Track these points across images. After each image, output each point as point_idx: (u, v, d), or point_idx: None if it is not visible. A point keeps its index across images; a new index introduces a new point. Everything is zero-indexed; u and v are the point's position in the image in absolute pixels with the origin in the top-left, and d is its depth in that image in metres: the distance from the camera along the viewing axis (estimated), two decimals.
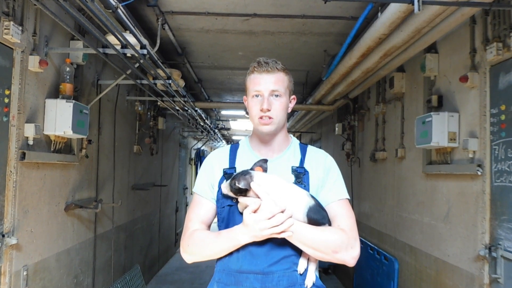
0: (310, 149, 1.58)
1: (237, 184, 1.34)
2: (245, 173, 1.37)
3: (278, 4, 3.42)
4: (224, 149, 1.61)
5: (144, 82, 3.88)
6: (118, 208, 4.38)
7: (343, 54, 3.81)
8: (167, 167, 7.27)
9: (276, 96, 1.46)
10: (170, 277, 6.62)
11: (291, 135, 1.63)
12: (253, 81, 1.48)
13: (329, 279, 6.43)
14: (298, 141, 1.62)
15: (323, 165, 1.52)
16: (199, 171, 1.59)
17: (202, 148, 11.32)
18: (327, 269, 6.66)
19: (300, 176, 1.47)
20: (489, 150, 2.57)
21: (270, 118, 1.45)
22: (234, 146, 1.60)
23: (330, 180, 1.50)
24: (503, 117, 2.45)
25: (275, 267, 1.38)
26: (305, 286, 1.40)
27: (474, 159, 2.72)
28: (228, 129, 11.14)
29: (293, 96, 1.56)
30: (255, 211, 1.31)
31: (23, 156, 2.51)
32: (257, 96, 1.47)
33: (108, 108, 4.09)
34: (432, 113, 2.98)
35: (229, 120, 10.41)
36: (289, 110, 1.56)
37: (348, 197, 1.50)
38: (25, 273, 2.61)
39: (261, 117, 1.46)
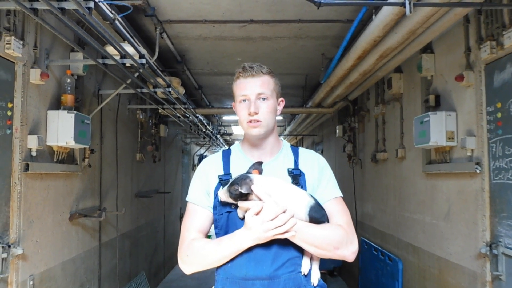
0: (302, 150, 1.60)
1: (239, 189, 1.34)
2: (244, 177, 1.37)
3: (274, 10, 3.46)
4: (216, 155, 1.61)
5: (145, 90, 3.92)
6: (122, 216, 4.42)
7: (340, 57, 3.84)
8: (170, 174, 7.30)
9: (263, 99, 1.48)
10: (176, 283, 6.64)
11: (282, 138, 1.65)
12: (239, 86, 1.50)
13: (334, 281, 6.42)
14: (289, 144, 1.64)
15: (317, 165, 1.55)
16: (192, 180, 1.58)
17: (205, 154, 11.35)
18: (332, 271, 6.64)
19: (297, 177, 1.49)
20: (486, 148, 2.59)
21: (258, 121, 1.47)
22: (226, 152, 1.60)
23: (324, 179, 1.53)
24: (499, 114, 2.47)
25: (280, 271, 1.38)
26: (312, 283, 1.42)
27: (472, 157, 2.74)
28: (230, 134, 11.18)
29: (281, 99, 1.58)
30: (257, 213, 1.32)
31: (26, 167, 2.56)
32: (244, 101, 1.49)
33: (110, 117, 4.13)
34: (429, 112, 3.00)
35: (231, 125, 10.45)
36: (278, 113, 1.58)
37: (342, 195, 1.54)
38: (31, 283, 2.65)
39: (249, 121, 1.48)
